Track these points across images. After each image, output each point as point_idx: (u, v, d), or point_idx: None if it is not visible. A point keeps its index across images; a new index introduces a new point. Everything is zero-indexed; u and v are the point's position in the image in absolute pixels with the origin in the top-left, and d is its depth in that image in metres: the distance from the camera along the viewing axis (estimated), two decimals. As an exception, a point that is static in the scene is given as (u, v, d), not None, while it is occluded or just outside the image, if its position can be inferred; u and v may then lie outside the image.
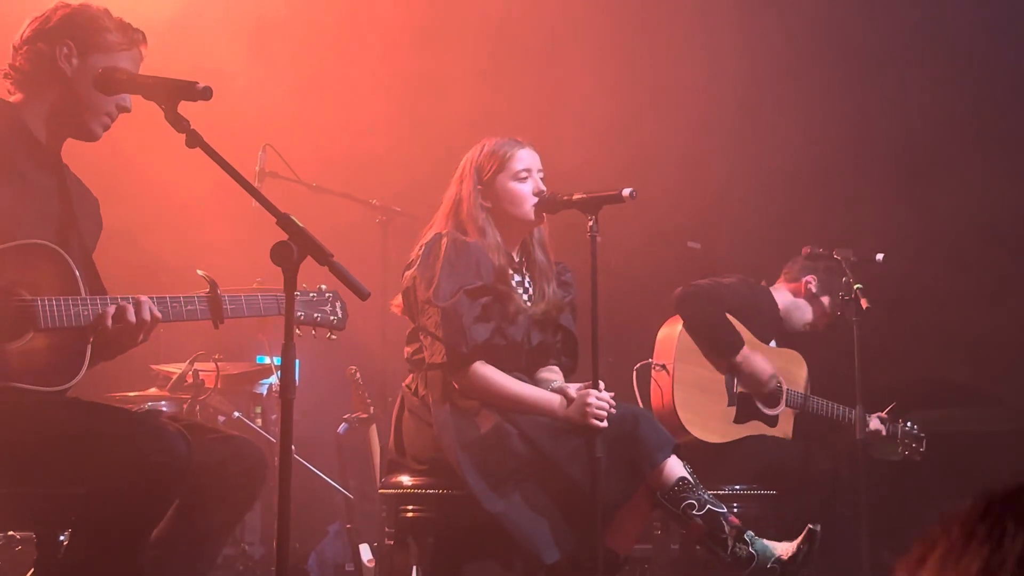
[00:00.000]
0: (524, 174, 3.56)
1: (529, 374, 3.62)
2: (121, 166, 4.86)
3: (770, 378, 4.37)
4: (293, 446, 2.33)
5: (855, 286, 4.29)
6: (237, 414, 4.75)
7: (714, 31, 5.95)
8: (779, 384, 4.44)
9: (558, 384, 3.54)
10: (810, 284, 4.68)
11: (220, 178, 2.50)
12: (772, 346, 4.60)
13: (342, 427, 4.76)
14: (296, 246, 2.30)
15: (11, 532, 3.91)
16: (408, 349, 3.60)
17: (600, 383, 3.35)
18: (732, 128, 5.82)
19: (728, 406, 4.39)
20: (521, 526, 3.27)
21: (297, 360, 3.16)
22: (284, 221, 2.34)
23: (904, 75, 5.83)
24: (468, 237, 3.53)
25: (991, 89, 5.78)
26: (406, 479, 3.51)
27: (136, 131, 3.37)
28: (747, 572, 3.31)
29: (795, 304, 4.70)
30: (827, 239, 4.62)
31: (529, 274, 3.66)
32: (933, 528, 1.00)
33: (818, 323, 4.71)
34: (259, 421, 4.93)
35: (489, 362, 3.44)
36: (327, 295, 3.15)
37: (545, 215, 3.59)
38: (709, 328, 4.38)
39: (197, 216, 5.40)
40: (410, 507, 3.49)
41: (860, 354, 4.22)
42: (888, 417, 4.68)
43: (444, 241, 3.47)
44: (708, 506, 3.32)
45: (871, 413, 4.54)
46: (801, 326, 4.69)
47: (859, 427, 4.28)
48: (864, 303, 4.24)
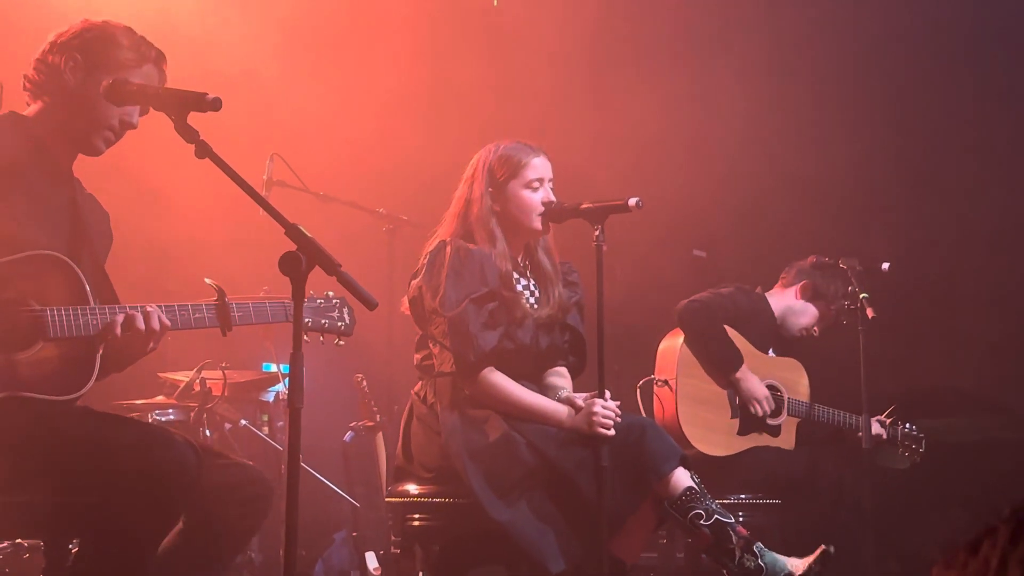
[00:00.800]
0: (536, 184, 3.56)
1: (538, 377, 3.63)
2: (127, 176, 4.87)
3: (763, 399, 4.37)
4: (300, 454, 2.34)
5: (861, 295, 4.29)
6: (244, 422, 4.76)
7: (719, 40, 5.96)
8: (780, 396, 4.45)
9: (566, 393, 3.54)
10: (806, 289, 4.68)
11: (227, 187, 2.51)
12: (771, 355, 4.60)
13: (348, 435, 4.77)
14: (304, 256, 2.30)
15: (19, 540, 3.91)
16: (417, 356, 3.61)
17: (606, 392, 3.36)
18: (738, 137, 5.82)
19: (731, 418, 4.39)
20: (527, 535, 3.27)
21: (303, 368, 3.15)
22: (292, 231, 2.34)
23: (908, 82, 5.83)
24: (474, 242, 3.53)
25: (997, 95, 5.78)
26: (413, 487, 3.52)
27: (143, 141, 3.37)
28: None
29: (791, 309, 4.69)
30: (833, 248, 4.62)
31: (534, 278, 3.66)
32: (964, 548, 0.99)
33: (815, 328, 4.70)
34: (266, 429, 4.93)
35: (498, 367, 3.45)
36: (334, 301, 3.15)
37: (551, 224, 3.60)
38: (709, 344, 4.39)
39: (204, 225, 5.41)
40: (416, 515, 3.51)
41: (865, 363, 4.22)
42: (888, 421, 4.67)
43: (448, 249, 3.47)
44: (716, 516, 3.32)
45: (872, 417, 4.53)
46: (797, 331, 4.68)
47: (865, 437, 4.27)
48: (870, 312, 4.24)
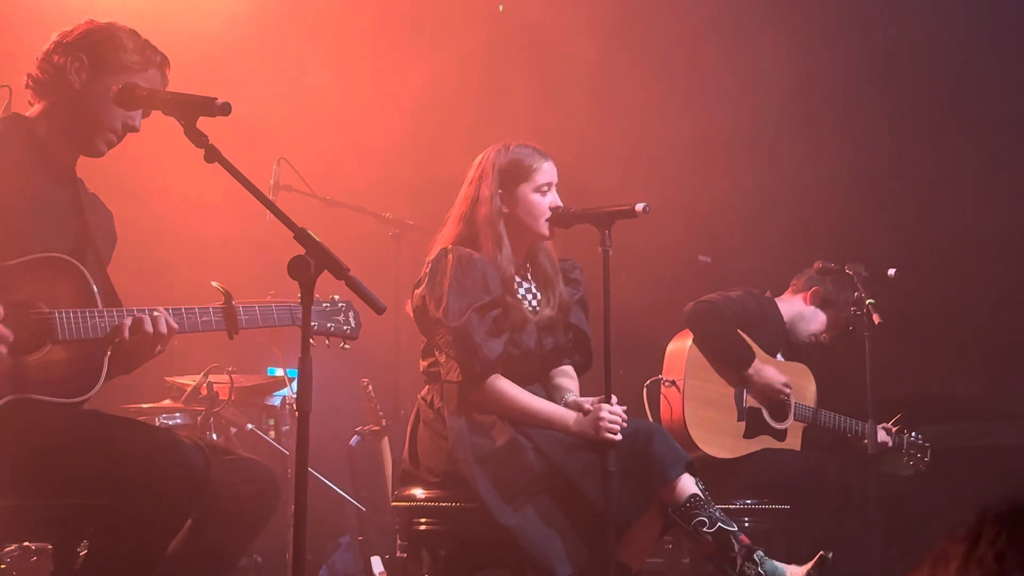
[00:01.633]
0: (545, 188, 3.55)
1: (544, 378, 3.63)
2: (134, 179, 4.88)
3: (784, 385, 4.38)
4: (305, 458, 2.34)
5: (867, 301, 4.29)
6: (250, 426, 4.76)
7: (724, 46, 5.97)
8: (788, 399, 4.45)
9: (572, 398, 3.54)
10: (816, 295, 4.68)
11: (234, 191, 2.52)
12: (780, 359, 4.60)
13: (354, 439, 4.77)
14: (313, 260, 2.31)
15: (26, 543, 3.91)
16: (423, 363, 3.60)
17: (613, 397, 3.36)
18: (743, 143, 5.82)
19: (738, 421, 4.39)
20: (534, 540, 3.27)
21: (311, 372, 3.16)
22: (301, 235, 2.35)
23: (913, 88, 5.83)
24: (477, 244, 3.51)
25: (1003, 101, 5.78)
26: (419, 492, 3.52)
27: (148, 144, 3.39)
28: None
29: (800, 315, 4.69)
30: (838, 254, 4.62)
31: (535, 280, 3.65)
32: (941, 544, 1.00)
33: (824, 335, 4.70)
34: (272, 433, 4.93)
35: (504, 372, 3.45)
36: (340, 305, 3.16)
37: (555, 229, 3.60)
38: (721, 342, 4.37)
39: (210, 228, 5.42)
40: (423, 519, 3.50)
41: (872, 369, 4.22)
42: (894, 429, 4.67)
43: (449, 258, 3.45)
44: (719, 524, 3.32)
45: (878, 424, 4.53)
46: (806, 336, 4.68)
47: (871, 443, 4.27)
48: (876, 318, 4.24)
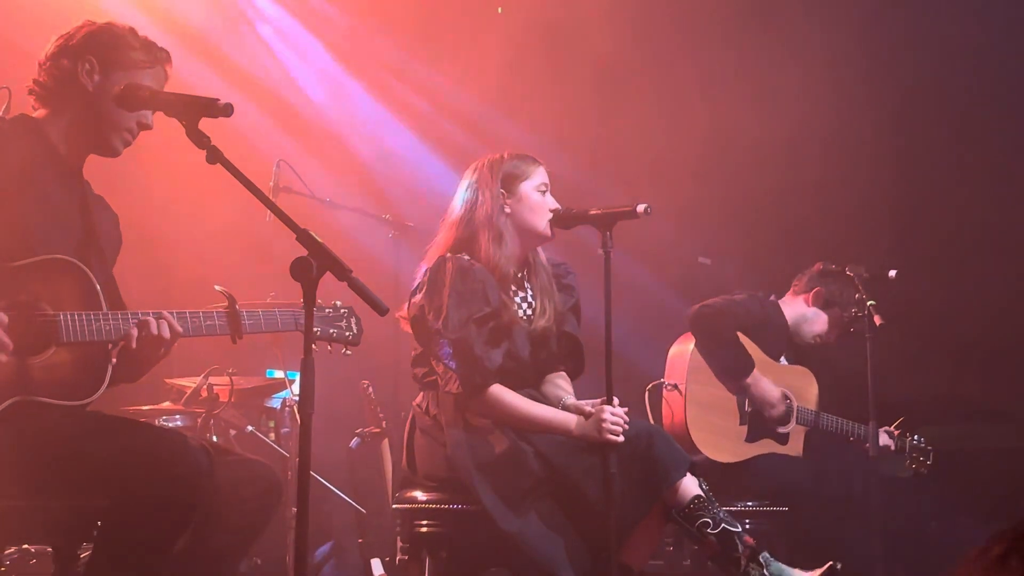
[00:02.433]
0: (544, 188, 3.57)
1: (537, 385, 3.61)
2: (139, 181, 4.88)
3: (779, 401, 4.37)
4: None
5: (868, 302, 4.28)
6: (250, 428, 4.75)
7: (724, 49, 5.97)
8: (789, 403, 4.44)
9: (571, 400, 3.53)
10: (818, 296, 4.67)
11: (236, 193, 2.52)
12: (783, 362, 4.59)
13: (354, 442, 4.77)
14: (315, 262, 2.30)
15: (25, 546, 3.91)
16: (417, 371, 3.57)
17: (615, 399, 3.35)
18: (743, 143, 5.83)
19: (740, 425, 4.38)
20: (538, 545, 3.26)
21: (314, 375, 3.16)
22: (303, 236, 2.34)
23: (914, 89, 5.84)
24: (475, 249, 3.49)
25: (1005, 103, 5.79)
26: (420, 494, 3.51)
27: (153, 147, 3.38)
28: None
29: (804, 317, 4.68)
30: (839, 255, 4.62)
31: (531, 289, 3.63)
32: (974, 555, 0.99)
33: (828, 336, 4.69)
34: (272, 435, 4.93)
35: (500, 381, 3.43)
36: (342, 311, 3.15)
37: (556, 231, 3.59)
38: (720, 349, 4.37)
39: (210, 229, 5.42)
40: (424, 522, 3.49)
41: (873, 371, 4.22)
42: (897, 432, 4.67)
43: (449, 266, 3.43)
44: (723, 524, 3.32)
45: (880, 428, 4.53)
46: (811, 338, 4.67)
47: (873, 445, 4.26)
48: (877, 319, 4.23)
